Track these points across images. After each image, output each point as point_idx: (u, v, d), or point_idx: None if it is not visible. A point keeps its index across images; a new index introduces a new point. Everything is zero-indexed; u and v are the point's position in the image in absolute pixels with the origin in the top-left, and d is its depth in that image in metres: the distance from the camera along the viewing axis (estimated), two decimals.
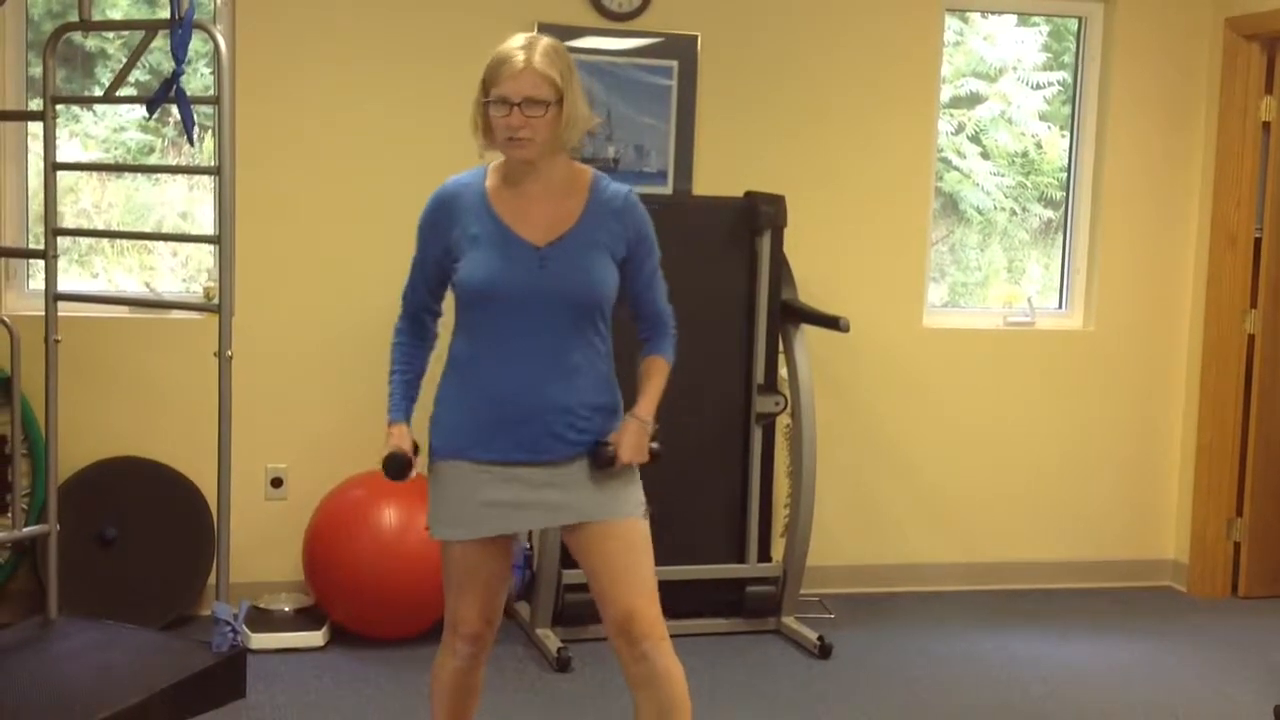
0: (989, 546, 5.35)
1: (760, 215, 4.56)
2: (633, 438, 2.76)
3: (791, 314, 4.66)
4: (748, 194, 4.65)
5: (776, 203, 4.59)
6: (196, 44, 3.92)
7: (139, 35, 3.88)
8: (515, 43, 2.68)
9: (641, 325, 2.88)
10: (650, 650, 2.71)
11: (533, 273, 2.70)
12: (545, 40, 2.71)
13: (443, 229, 2.77)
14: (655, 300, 2.86)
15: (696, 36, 4.87)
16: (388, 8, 4.66)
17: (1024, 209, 5.72)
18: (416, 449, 2.87)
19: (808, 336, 4.70)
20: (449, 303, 2.88)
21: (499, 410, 2.73)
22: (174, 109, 3.82)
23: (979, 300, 5.65)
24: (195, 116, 3.78)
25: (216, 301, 3.79)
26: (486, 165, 2.80)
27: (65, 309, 4.06)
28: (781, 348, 4.69)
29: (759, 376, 4.62)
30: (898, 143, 5.13)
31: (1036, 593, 5.32)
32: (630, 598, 2.72)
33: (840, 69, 5.06)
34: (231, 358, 3.77)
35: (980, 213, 5.69)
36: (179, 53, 3.61)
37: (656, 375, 2.85)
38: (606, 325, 2.79)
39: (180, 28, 3.61)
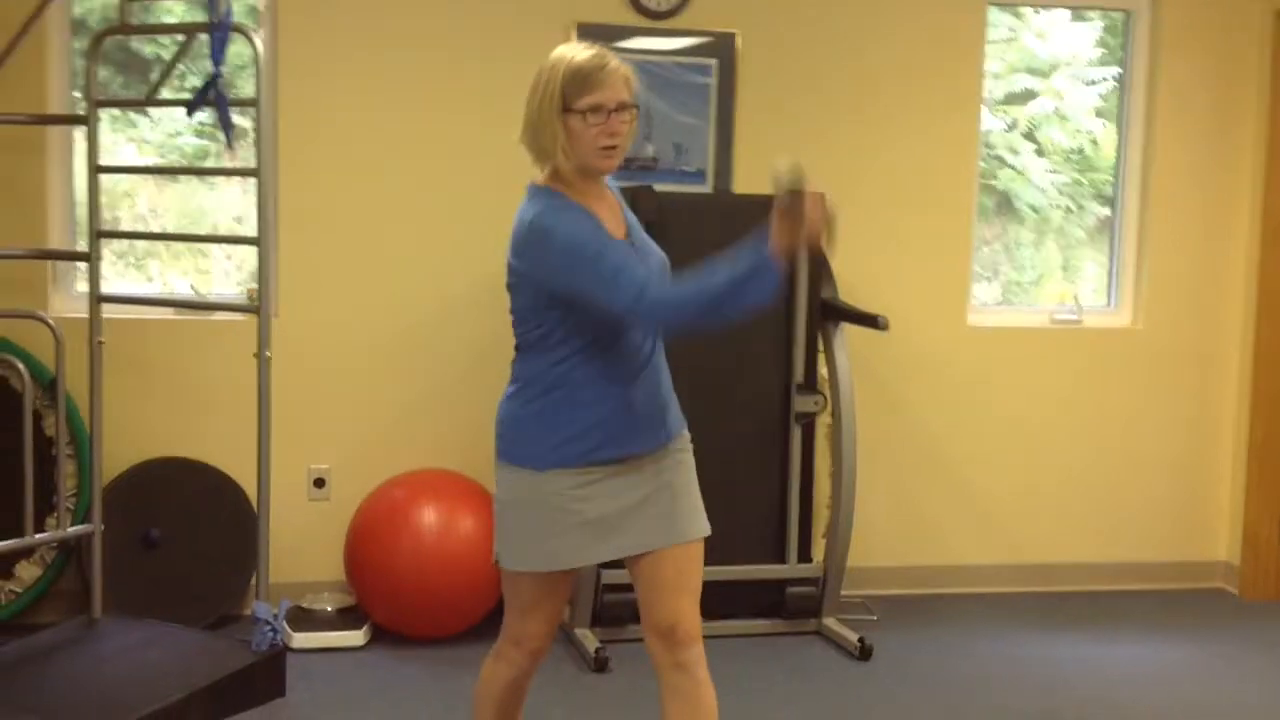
0: (1035, 548, 5.29)
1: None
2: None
3: (831, 312, 4.63)
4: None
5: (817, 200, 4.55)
6: (246, 48, 3.96)
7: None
8: (592, 50, 2.65)
9: None
10: (689, 661, 2.72)
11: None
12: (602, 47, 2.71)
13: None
14: None
15: (735, 34, 4.85)
16: (429, 9, 4.68)
17: (1079, 206, 5.64)
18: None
19: (851, 336, 4.67)
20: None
21: (642, 407, 2.73)
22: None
23: (1035, 300, 5.58)
24: (242, 119, 3.82)
25: (258, 303, 3.82)
26: (545, 187, 2.70)
27: (110, 311, 4.11)
28: (821, 346, 4.66)
29: (798, 375, 4.59)
30: (941, 140, 5.08)
31: (1083, 595, 5.25)
32: (675, 602, 2.73)
33: (881, 65, 5.02)
34: (270, 358, 3.80)
35: (1035, 210, 5.62)
36: (217, 55, 3.65)
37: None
38: None
39: (219, 30, 3.65)
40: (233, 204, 4.97)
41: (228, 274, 4.96)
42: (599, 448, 2.68)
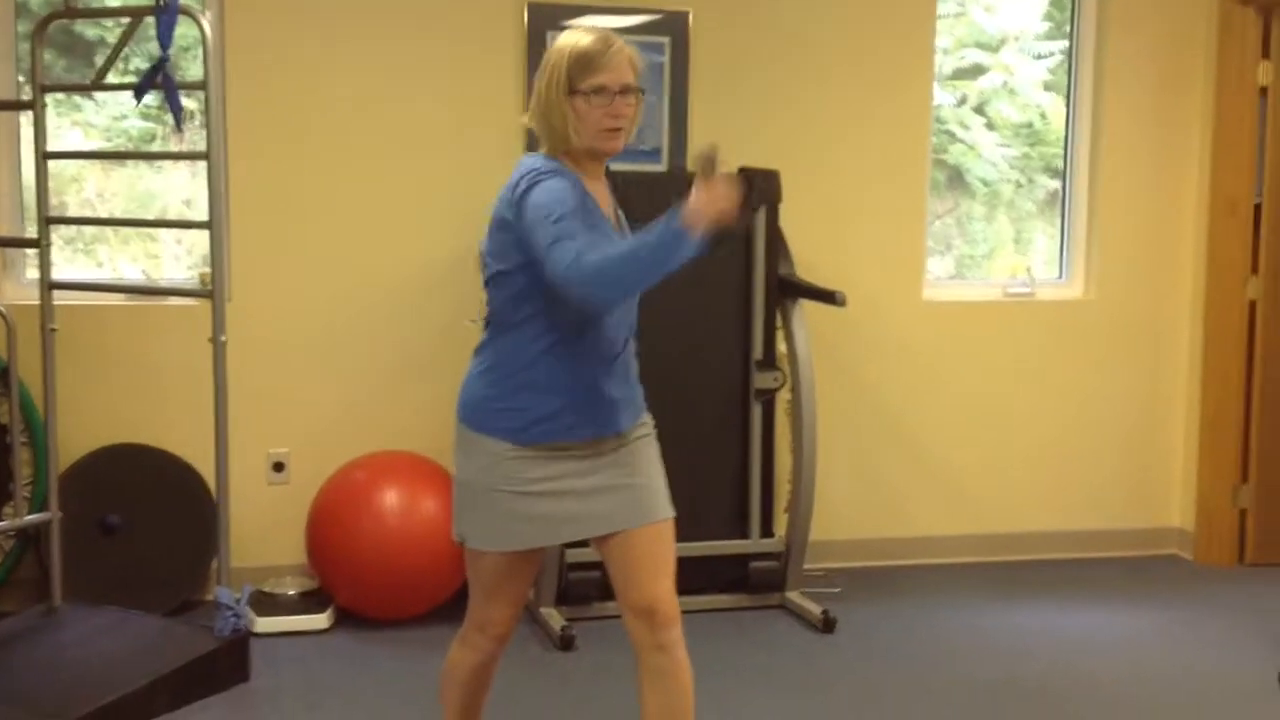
0: (993, 518, 5.34)
1: (754, 191, 4.54)
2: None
3: (789, 289, 4.65)
4: (741, 169, 4.64)
5: (771, 178, 4.57)
6: (193, 30, 3.93)
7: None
8: (596, 33, 2.66)
9: None
10: (670, 643, 2.73)
11: None
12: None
13: (584, 209, 2.65)
14: None
15: (688, 13, 4.85)
16: None
17: (1030, 180, 5.69)
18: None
19: (809, 312, 4.69)
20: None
21: (614, 394, 2.74)
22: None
23: (987, 273, 5.63)
24: (190, 102, 3.78)
25: (211, 287, 3.79)
26: (542, 154, 2.70)
27: (63, 297, 4.07)
28: (780, 323, 4.68)
29: (757, 352, 4.61)
30: (894, 115, 5.11)
31: (1042, 563, 5.31)
32: (654, 585, 2.73)
33: (833, 42, 5.03)
34: (225, 342, 3.78)
35: (986, 184, 5.66)
36: (164, 38, 3.62)
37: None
38: None
39: (166, 13, 3.61)
40: (181, 187, 4.93)
41: (178, 258, 4.92)
42: (574, 427, 2.68)
